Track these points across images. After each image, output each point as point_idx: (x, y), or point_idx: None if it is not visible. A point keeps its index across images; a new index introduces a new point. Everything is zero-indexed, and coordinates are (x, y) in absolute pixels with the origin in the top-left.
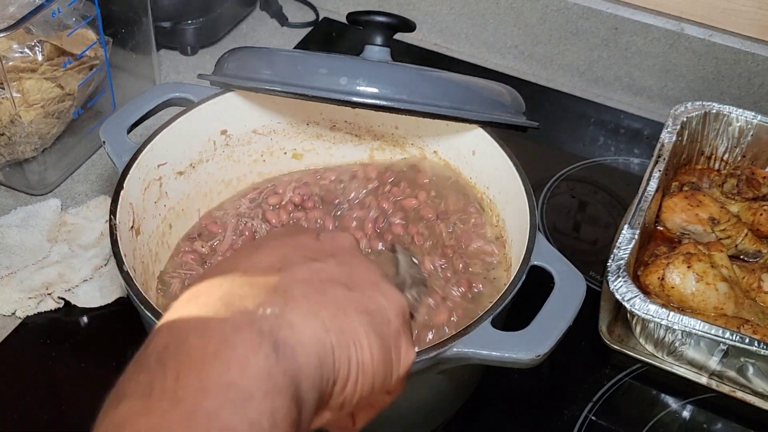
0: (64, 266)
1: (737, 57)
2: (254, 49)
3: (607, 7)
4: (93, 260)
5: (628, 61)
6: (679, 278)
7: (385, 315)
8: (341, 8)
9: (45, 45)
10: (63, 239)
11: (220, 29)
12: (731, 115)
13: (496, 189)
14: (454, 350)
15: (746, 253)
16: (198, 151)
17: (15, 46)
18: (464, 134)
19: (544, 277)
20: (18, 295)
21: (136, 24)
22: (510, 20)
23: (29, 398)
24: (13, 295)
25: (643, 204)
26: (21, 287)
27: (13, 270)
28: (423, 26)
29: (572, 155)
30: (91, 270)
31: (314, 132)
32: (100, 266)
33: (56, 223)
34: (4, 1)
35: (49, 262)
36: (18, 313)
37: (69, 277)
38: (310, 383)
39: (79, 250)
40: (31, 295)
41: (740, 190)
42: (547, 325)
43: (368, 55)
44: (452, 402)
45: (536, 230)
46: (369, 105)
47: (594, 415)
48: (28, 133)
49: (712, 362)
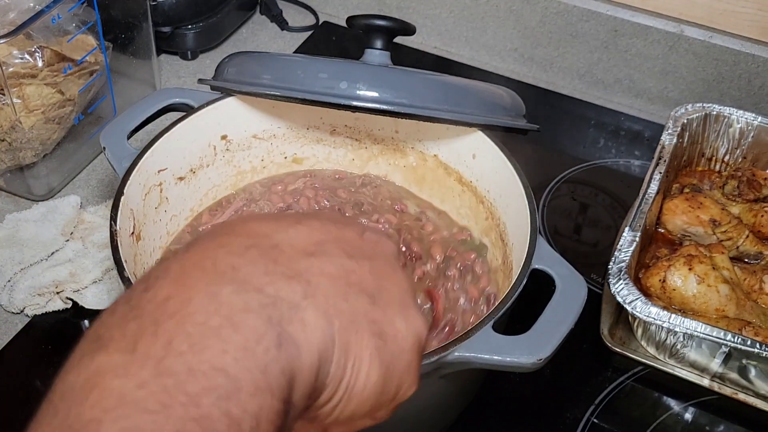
0: (75, 265)
1: (737, 58)
2: (254, 54)
3: (607, 9)
4: (104, 262)
5: (628, 63)
6: (680, 280)
7: (401, 344)
8: (341, 12)
9: (45, 51)
10: (78, 236)
11: (220, 34)
12: (732, 117)
13: (497, 192)
14: (455, 355)
15: (747, 254)
16: (198, 157)
17: (15, 52)
18: (464, 137)
19: (545, 280)
20: (28, 292)
21: (136, 29)
22: (510, 23)
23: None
24: (23, 293)
25: (644, 206)
26: (32, 283)
27: (25, 265)
28: (423, 30)
29: (573, 158)
30: (102, 272)
31: (314, 136)
32: (111, 269)
33: (74, 219)
34: (4, 7)
35: (61, 259)
36: (27, 311)
37: (79, 278)
38: (304, 390)
39: (92, 248)
40: (40, 292)
41: (741, 192)
42: (549, 329)
43: (368, 59)
44: (454, 406)
45: (537, 233)
46: (369, 109)
47: (596, 418)
48: (29, 139)
49: (714, 364)
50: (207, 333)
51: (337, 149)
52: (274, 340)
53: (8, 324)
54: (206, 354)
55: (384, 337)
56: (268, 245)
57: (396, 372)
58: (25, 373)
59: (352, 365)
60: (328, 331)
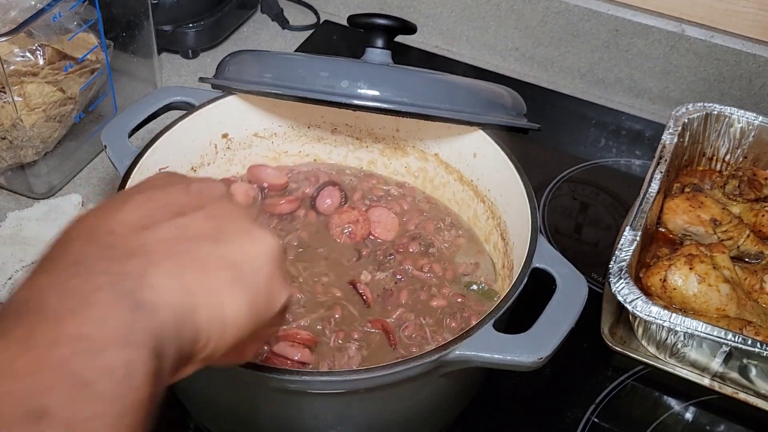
0: None
1: (738, 58)
2: (255, 53)
3: (608, 8)
4: None
5: (629, 63)
6: (681, 280)
7: (254, 263)
8: (342, 11)
9: (46, 49)
10: None
11: (221, 32)
12: (732, 117)
13: (498, 191)
14: (456, 353)
15: (748, 254)
16: (199, 155)
17: (16, 50)
18: (465, 137)
19: (546, 279)
20: None
21: (137, 27)
22: (511, 22)
23: None
24: None
25: (645, 205)
26: None
27: (27, 263)
28: (424, 29)
29: (573, 157)
30: None
31: (315, 135)
32: None
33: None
34: (5, 6)
35: None
36: None
37: None
38: (172, 341)
39: None
40: None
41: (742, 192)
42: (550, 328)
43: (369, 58)
44: (454, 405)
45: (538, 232)
46: (370, 108)
47: (596, 417)
48: (30, 137)
49: (715, 364)
50: (65, 314)
51: (338, 148)
52: (128, 307)
53: None
54: (68, 328)
55: (236, 266)
56: (102, 234)
57: (261, 288)
58: None
59: (217, 303)
60: (179, 286)
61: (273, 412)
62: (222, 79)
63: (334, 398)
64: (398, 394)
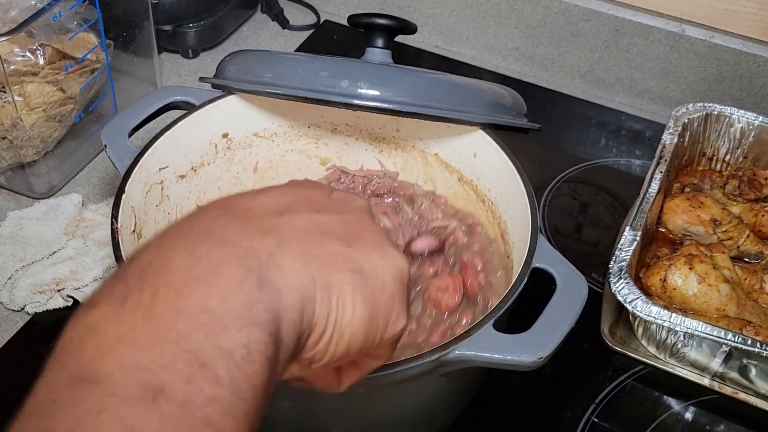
0: (76, 263)
1: (738, 58)
2: (255, 52)
3: (608, 8)
4: (105, 260)
5: (629, 63)
6: (681, 280)
7: (381, 278)
8: (342, 11)
9: (47, 49)
10: (80, 234)
11: (221, 32)
12: (732, 117)
13: (498, 191)
14: (456, 353)
15: (748, 254)
16: (199, 155)
17: (17, 49)
18: (465, 136)
19: (546, 279)
20: (29, 290)
21: (138, 27)
22: (511, 22)
23: None
24: (24, 291)
25: (645, 205)
26: (33, 281)
27: (27, 263)
28: (424, 28)
29: (573, 157)
30: (102, 270)
31: (315, 135)
32: (112, 266)
33: (76, 217)
34: (5, 5)
35: (62, 257)
36: (27, 309)
37: (80, 275)
38: (292, 327)
39: (93, 246)
40: (41, 290)
41: (742, 192)
42: (549, 328)
43: (369, 58)
44: (454, 405)
45: (538, 232)
46: (370, 108)
47: (596, 417)
48: (30, 137)
49: (715, 364)
50: (190, 282)
51: (338, 147)
52: (255, 283)
53: (9, 322)
54: (192, 298)
55: (363, 274)
56: (238, 210)
57: (381, 304)
58: (25, 371)
59: (336, 301)
60: (306, 273)
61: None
62: (222, 79)
63: (334, 398)
64: (398, 394)
